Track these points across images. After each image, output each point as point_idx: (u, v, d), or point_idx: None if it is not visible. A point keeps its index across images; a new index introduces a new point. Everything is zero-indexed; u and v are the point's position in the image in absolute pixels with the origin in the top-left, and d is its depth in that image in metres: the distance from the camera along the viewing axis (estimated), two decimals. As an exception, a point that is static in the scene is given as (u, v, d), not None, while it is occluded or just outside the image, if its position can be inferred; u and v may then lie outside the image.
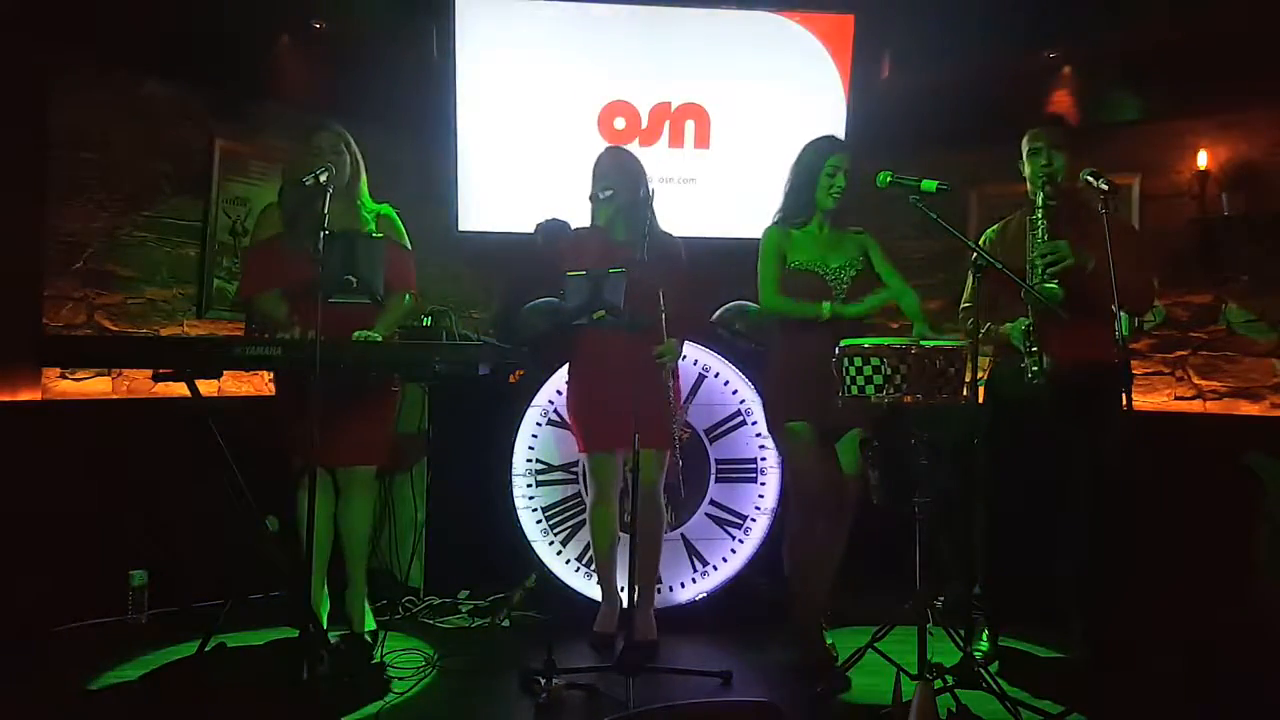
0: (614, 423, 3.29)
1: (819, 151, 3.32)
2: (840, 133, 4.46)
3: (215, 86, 4.23)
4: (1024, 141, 3.35)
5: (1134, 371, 3.99)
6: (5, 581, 3.37)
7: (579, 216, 3.51)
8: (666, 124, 4.65)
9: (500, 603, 3.89)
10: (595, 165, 3.48)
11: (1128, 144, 4.28)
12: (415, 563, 4.06)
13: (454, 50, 4.46)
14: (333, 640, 3.38)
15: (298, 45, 4.35)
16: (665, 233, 3.44)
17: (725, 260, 3.69)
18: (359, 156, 3.37)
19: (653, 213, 3.31)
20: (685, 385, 3.72)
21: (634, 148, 3.89)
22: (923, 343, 2.83)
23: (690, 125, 4.66)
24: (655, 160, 4.13)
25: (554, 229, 4.29)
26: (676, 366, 3.48)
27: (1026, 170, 3.33)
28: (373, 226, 3.34)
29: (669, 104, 4.64)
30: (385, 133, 4.46)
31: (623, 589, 3.37)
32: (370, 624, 3.51)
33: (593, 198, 3.45)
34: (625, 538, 3.30)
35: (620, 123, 4.60)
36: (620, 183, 3.39)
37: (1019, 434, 3.27)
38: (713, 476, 3.89)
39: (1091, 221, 3.09)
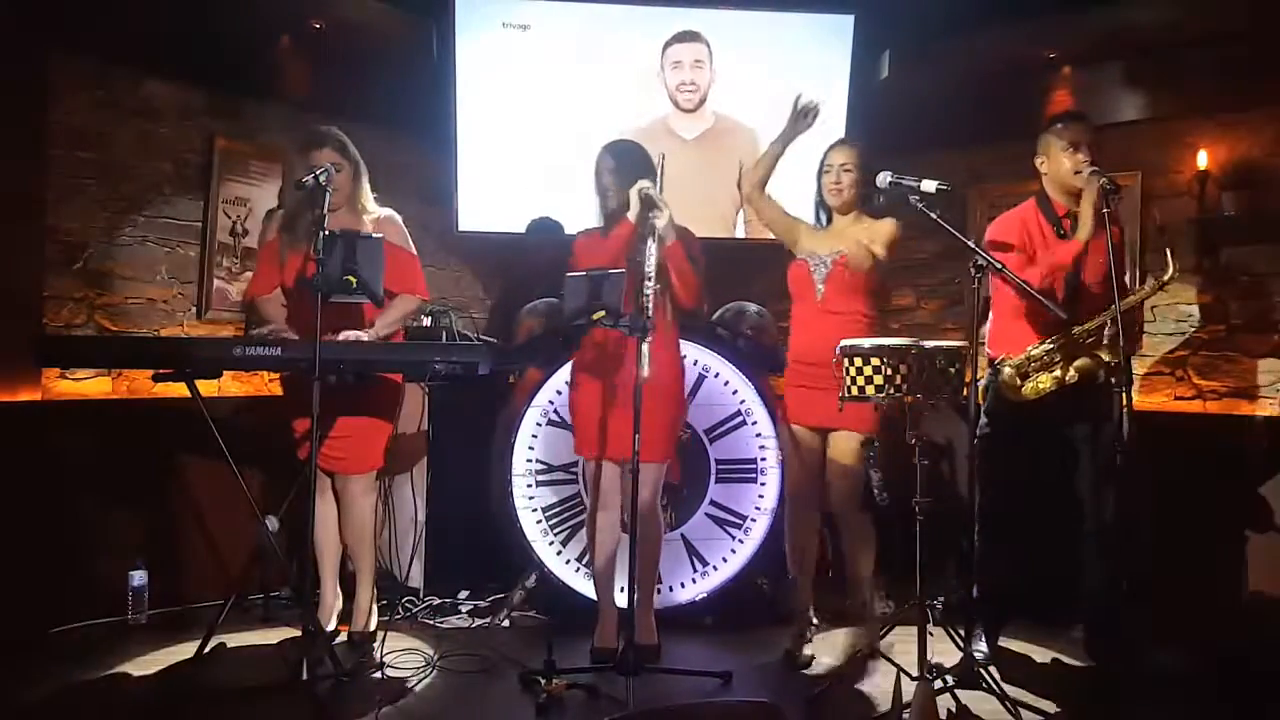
0: (609, 430, 3.29)
1: (824, 152, 3.40)
2: (840, 133, 4.46)
3: (215, 86, 4.22)
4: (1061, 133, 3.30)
5: (1134, 371, 3.99)
6: (5, 581, 3.36)
7: (578, 217, 3.51)
8: (666, 124, 4.66)
9: (500, 603, 3.89)
10: (629, 157, 3.35)
11: (1128, 144, 4.27)
12: (415, 563, 4.07)
13: (454, 50, 4.46)
14: (337, 639, 3.40)
15: (298, 45, 4.35)
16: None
17: (725, 260, 3.69)
18: (359, 160, 3.37)
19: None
20: (685, 386, 3.70)
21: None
22: (923, 343, 2.84)
23: (690, 125, 4.67)
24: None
25: (545, 228, 4.31)
26: (682, 370, 3.48)
27: (1069, 164, 3.26)
28: (369, 229, 3.34)
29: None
30: (385, 133, 4.46)
31: (621, 589, 3.36)
32: (373, 623, 3.52)
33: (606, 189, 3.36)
34: (625, 538, 3.29)
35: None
36: (651, 174, 3.30)
37: (1019, 434, 3.26)
38: (713, 477, 3.88)
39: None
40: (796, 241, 3.41)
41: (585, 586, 3.75)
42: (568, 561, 3.80)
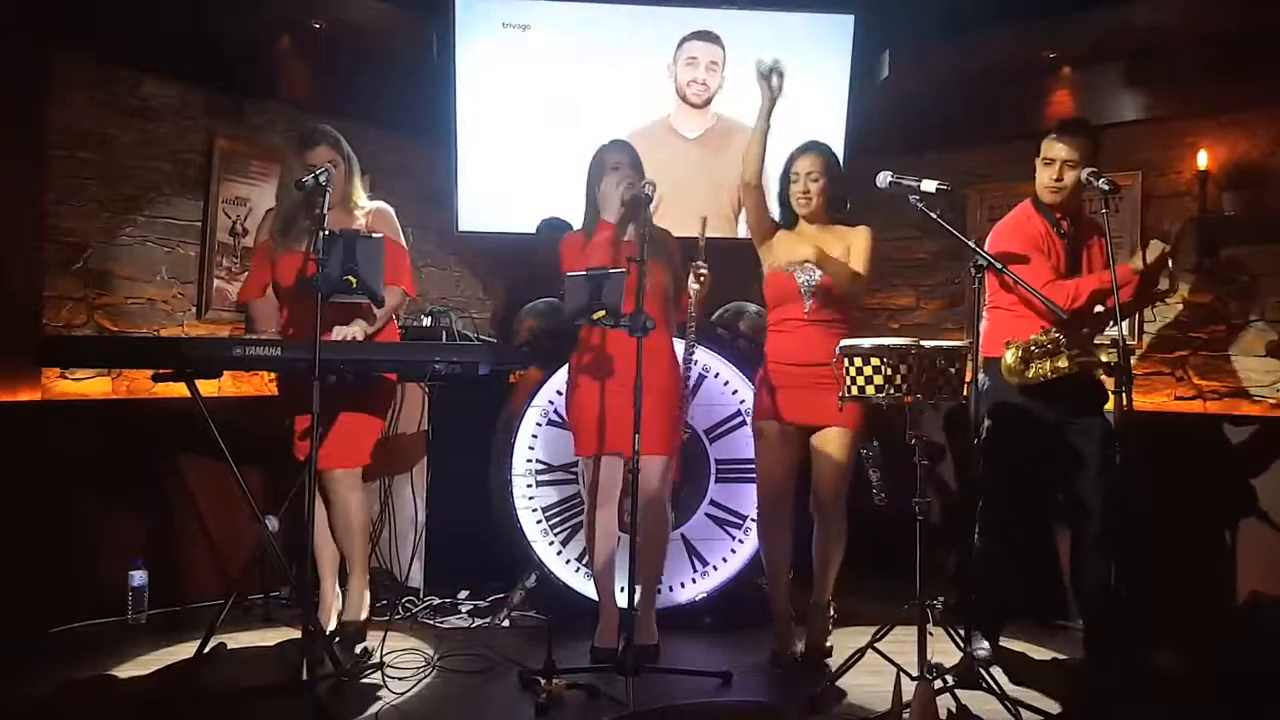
0: (609, 426, 3.29)
1: (788, 157, 3.38)
2: (840, 133, 4.46)
3: (215, 86, 4.22)
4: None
5: (1134, 372, 3.99)
6: (5, 581, 3.36)
7: (580, 218, 3.52)
8: (666, 124, 4.65)
9: (500, 603, 3.89)
10: (622, 154, 3.39)
11: (1128, 144, 4.27)
12: (415, 563, 4.07)
13: (454, 51, 4.45)
14: (337, 639, 3.39)
15: (298, 45, 4.35)
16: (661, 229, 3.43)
17: (725, 260, 3.68)
18: (352, 156, 3.37)
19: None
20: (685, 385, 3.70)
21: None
22: (923, 343, 2.84)
23: (690, 125, 4.67)
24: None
25: (555, 226, 4.31)
26: (679, 369, 3.48)
27: (1042, 177, 3.30)
28: (361, 224, 3.33)
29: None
30: (385, 133, 4.46)
31: (622, 589, 3.36)
32: (364, 613, 3.50)
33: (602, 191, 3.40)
34: (624, 538, 3.29)
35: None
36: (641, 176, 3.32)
37: (1019, 435, 3.26)
38: (712, 477, 3.89)
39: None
40: (771, 246, 3.39)
41: (585, 586, 3.75)
42: (568, 561, 3.80)
